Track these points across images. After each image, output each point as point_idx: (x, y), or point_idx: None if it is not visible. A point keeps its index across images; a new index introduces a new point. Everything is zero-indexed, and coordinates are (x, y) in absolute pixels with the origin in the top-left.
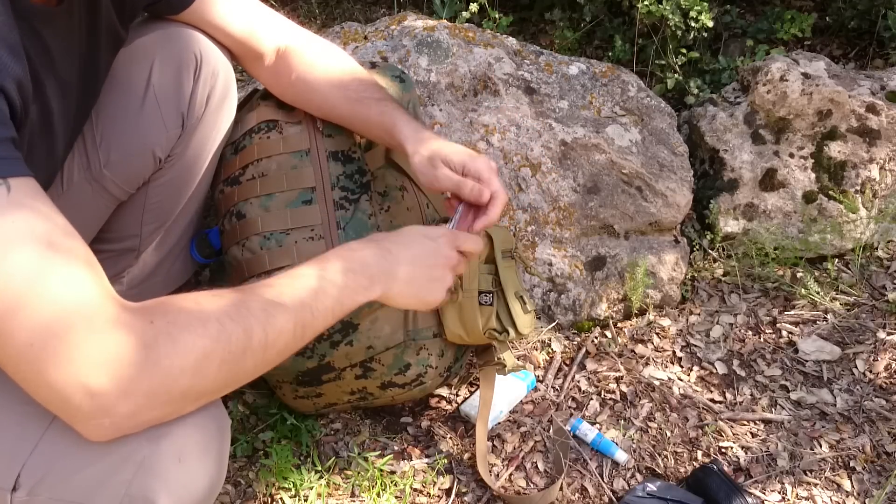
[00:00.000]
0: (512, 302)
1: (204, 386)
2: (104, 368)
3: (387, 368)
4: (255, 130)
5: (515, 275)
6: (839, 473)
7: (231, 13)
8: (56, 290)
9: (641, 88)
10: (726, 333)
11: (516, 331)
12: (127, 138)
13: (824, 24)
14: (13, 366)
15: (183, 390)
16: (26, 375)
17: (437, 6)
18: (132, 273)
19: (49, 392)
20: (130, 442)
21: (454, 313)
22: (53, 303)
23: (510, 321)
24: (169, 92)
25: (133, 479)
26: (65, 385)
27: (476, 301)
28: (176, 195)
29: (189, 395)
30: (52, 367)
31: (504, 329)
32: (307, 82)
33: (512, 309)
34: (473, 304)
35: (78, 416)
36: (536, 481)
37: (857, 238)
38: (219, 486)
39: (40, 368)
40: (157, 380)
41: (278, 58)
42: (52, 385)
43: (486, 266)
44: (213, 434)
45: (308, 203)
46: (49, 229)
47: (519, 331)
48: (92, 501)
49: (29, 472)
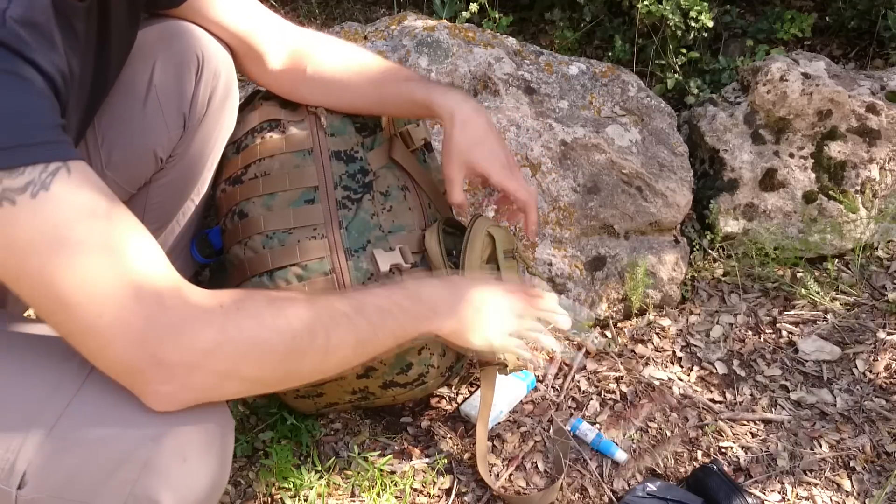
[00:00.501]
0: None
1: (261, 376)
2: (172, 339)
3: (388, 368)
4: (258, 129)
5: (517, 275)
6: (839, 473)
7: (231, 10)
8: (128, 264)
9: (641, 88)
10: (726, 333)
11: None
12: (128, 139)
13: (824, 24)
14: (79, 336)
15: (242, 375)
16: (92, 346)
17: (437, 6)
18: None
19: (115, 360)
20: (135, 441)
21: None
22: (124, 276)
23: None
24: (171, 92)
25: (138, 478)
26: (133, 355)
27: None
28: (177, 196)
29: (246, 380)
30: (120, 338)
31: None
32: (324, 74)
33: None
34: None
35: (141, 381)
36: (536, 481)
37: (857, 238)
38: (222, 486)
39: (108, 340)
40: (218, 360)
41: (288, 56)
42: (119, 355)
43: (487, 266)
44: (217, 434)
45: (311, 202)
46: (111, 207)
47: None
48: (96, 500)
49: (34, 470)
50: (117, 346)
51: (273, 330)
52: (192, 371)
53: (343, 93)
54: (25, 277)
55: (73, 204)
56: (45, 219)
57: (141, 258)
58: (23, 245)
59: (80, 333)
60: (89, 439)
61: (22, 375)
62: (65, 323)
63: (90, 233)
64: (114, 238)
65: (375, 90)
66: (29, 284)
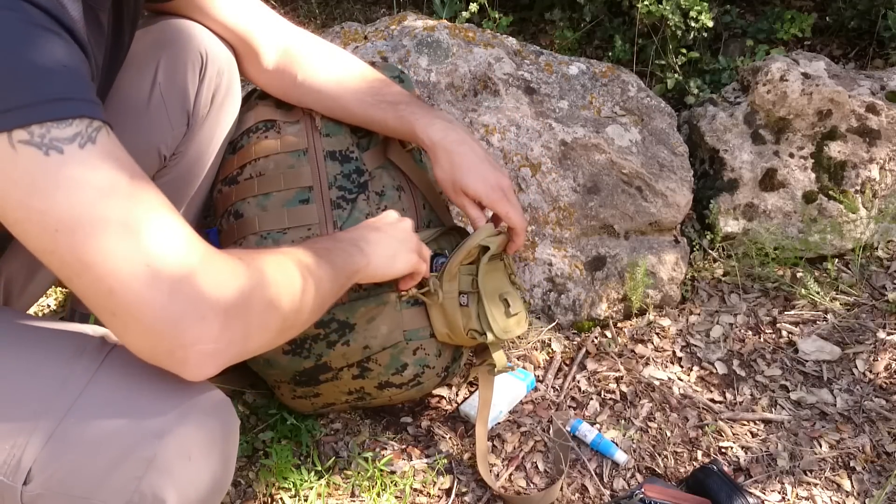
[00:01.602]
0: (491, 304)
1: (292, 320)
2: (205, 298)
3: (384, 368)
4: (253, 130)
5: (503, 276)
6: (839, 473)
7: (231, 7)
8: (152, 236)
9: (641, 88)
10: (726, 333)
11: (494, 333)
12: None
13: (824, 24)
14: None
15: (270, 323)
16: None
17: (437, 6)
18: None
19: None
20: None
21: (439, 314)
22: (149, 247)
23: (487, 323)
24: (175, 90)
25: (143, 475)
26: (174, 313)
27: (457, 302)
28: (179, 194)
29: (277, 327)
30: (159, 296)
31: (483, 331)
32: (314, 84)
33: (489, 311)
34: (454, 305)
35: (182, 343)
36: (536, 481)
37: (857, 238)
38: (226, 484)
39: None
40: (251, 311)
41: (280, 57)
42: (161, 312)
43: (466, 267)
44: (221, 432)
45: (305, 202)
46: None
47: (496, 334)
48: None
49: (40, 466)
50: (156, 305)
51: (294, 276)
52: (229, 324)
53: (331, 104)
54: (64, 231)
55: (117, 159)
56: (94, 168)
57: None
58: (67, 195)
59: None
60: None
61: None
62: (91, 285)
63: (132, 190)
64: (147, 199)
65: (361, 110)
66: (65, 239)
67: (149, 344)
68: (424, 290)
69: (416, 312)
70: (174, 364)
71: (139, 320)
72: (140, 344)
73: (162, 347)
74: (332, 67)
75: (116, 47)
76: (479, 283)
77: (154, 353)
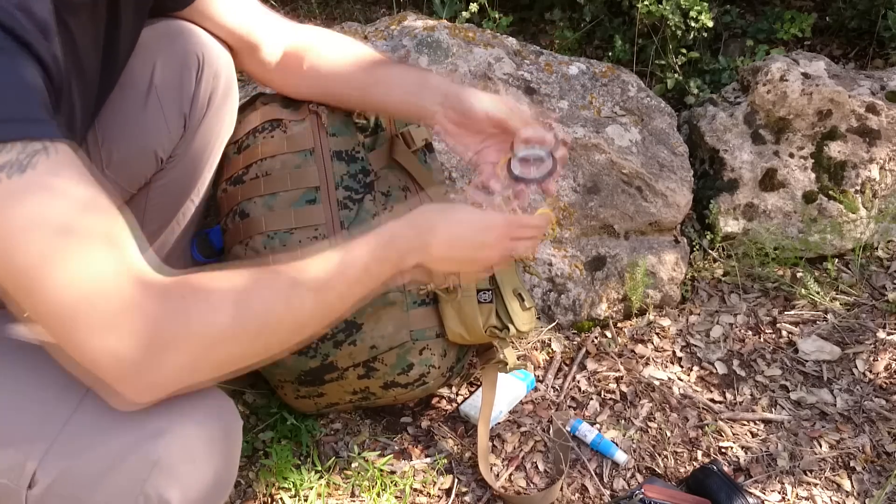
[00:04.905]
0: (510, 299)
1: (234, 353)
2: (134, 333)
3: (390, 368)
4: (259, 129)
5: (514, 272)
6: (839, 473)
7: (232, 8)
8: (92, 252)
9: (641, 88)
10: (726, 333)
11: (516, 327)
12: (129, 139)
13: (824, 24)
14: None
15: (212, 358)
16: (60, 334)
17: (437, 6)
18: None
19: (79, 353)
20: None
21: (454, 313)
22: (88, 265)
23: (509, 318)
24: (171, 92)
25: (147, 477)
26: (95, 346)
27: (475, 300)
28: (177, 196)
29: (219, 361)
30: (82, 328)
31: (504, 326)
32: (321, 69)
33: (509, 306)
34: (473, 303)
35: (108, 378)
36: (536, 481)
37: (857, 238)
38: (230, 485)
39: (73, 329)
40: (186, 347)
41: (285, 50)
42: (81, 346)
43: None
44: (224, 434)
45: (312, 202)
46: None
47: (518, 328)
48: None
49: (45, 469)
50: (80, 336)
51: (222, 320)
52: (161, 361)
53: (340, 88)
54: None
55: (50, 190)
56: (20, 202)
57: (88, 266)
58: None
59: (48, 316)
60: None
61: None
62: (32, 306)
63: (37, 239)
64: (83, 226)
65: (372, 81)
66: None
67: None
68: (444, 288)
69: (423, 312)
70: (105, 396)
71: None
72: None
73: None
74: (338, 51)
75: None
76: (498, 278)
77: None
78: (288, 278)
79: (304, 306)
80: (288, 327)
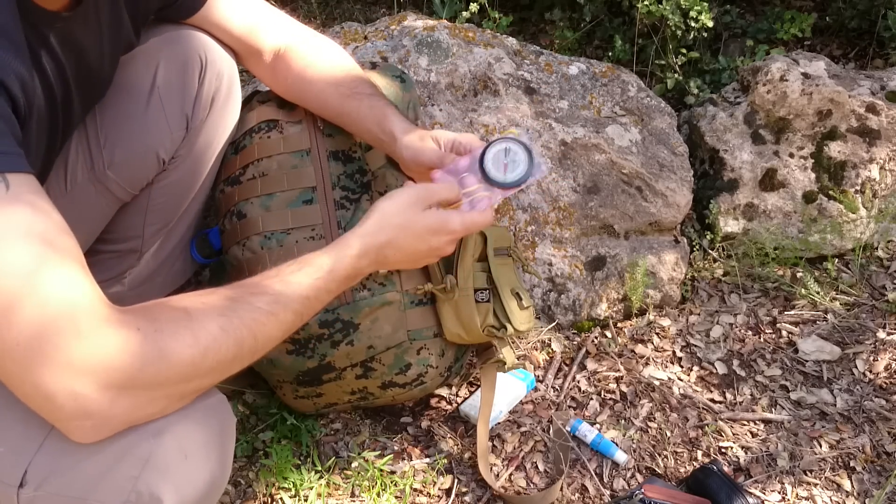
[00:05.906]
0: (507, 298)
1: (188, 389)
2: (89, 373)
3: (387, 368)
4: (256, 130)
5: (512, 272)
6: (839, 473)
7: (234, 11)
8: (48, 289)
9: (641, 88)
10: (726, 333)
11: (513, 327)
12: (131, 140)
13: (824, 24)
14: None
15: (168, 394)
16: (11, 372)
17: (437, 6)
18: (134, 274)
19: (33, 391)
20: (136, 438)
21: (452, 313)
22: (44, 303)
23: (507, 317)
24: (174, 93)
25: (140, 475)
26: (48, 385)
27: (472, 299)
28: (179, 197)
29: (173, 397)
30: (37, 367)
31: (502, 325)
32: (303, 79)
33: (507, 305)
34: (470, 303)
35: (60, 417)
36: (536, 481)
37: (857, 238)
38: (223, 483)
39: (26, 367)
40: (140, 387)
41: (277, 57)
42: (36, 384)
43: (479, 264)
44: (218, 431)
45: (309, 203)
46: (46, 227)
47: (516, 327)
48: (99, 497)
49: (36, 468)
50: (33, 376)
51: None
52: (110, 404)
53: (316, 100)
54: None
55: (1, 221)
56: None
57: (65, 284)
58: None
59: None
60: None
61: None
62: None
63: (14, 254)
64: (40, 262)
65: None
66: None
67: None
68: (441, 288)
69: (421, 312)
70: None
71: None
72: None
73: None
74: (319, 63)
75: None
76: (495, 277)
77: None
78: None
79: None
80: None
